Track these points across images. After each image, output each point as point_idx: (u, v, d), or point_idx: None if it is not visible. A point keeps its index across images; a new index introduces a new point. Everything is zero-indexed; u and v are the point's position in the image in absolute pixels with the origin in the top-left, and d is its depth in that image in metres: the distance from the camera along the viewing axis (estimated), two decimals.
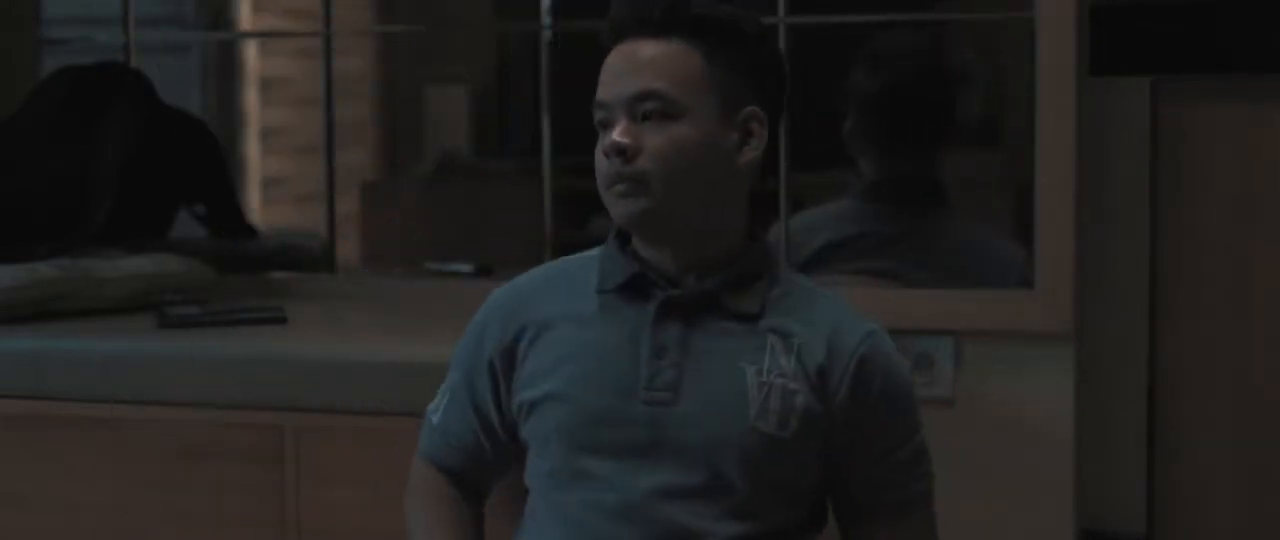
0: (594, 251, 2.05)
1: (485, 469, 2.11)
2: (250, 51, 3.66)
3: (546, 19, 3.23)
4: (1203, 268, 3.01)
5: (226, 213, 3.40)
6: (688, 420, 1.92)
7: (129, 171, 3.15)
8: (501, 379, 2.04)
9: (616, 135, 1.92)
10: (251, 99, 3.67)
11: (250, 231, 3.43)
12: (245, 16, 3.65)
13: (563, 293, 2.03)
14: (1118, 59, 2.99)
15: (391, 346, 2.67)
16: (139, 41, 3.47)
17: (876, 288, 3.06)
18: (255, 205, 3.60)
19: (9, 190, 3.15)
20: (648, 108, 1.92)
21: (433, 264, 3.42)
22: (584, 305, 2.00)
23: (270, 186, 3.65)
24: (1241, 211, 2.99)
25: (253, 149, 3.66)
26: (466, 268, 3.36)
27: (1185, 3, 2.97)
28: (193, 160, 3.35)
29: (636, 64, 1.93)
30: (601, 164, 1.94)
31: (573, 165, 3.28)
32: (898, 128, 3.13)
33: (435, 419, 2.13)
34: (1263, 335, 3.00)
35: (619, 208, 1.94)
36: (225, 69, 3.70)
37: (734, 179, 1.95)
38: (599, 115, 1.96)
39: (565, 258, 2.10)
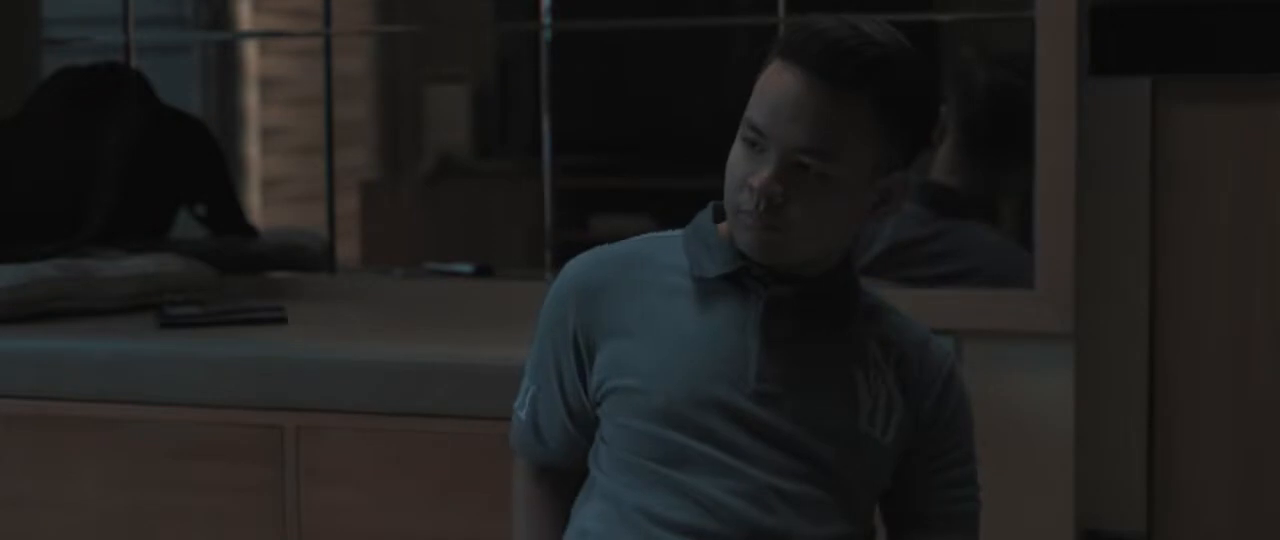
0: (670, 234, 2.00)
1: (579, 454, 2.04)
2: (250, 51, 3.65)
3: (546, 19, 3.23)
4: (1202, 268, 3.01)
5: (226, 213, 3.39)
6: (798, 416, 1.90)
7: (129, 172, 3.15)
8: (586, 357, 1.98)
9: (770, 180, 1.83)
10: (251, 99, 3.66)
11: (250, 231, 3.43)
12: (245, 16, 3.64)
13: (648, 274, 1.97)
14: (1118, 59, 2.99)
15: (391, 346, 2.67)
16: (139, 41, 3.46)
17: (875, 287, 3.05)
18: (255, 205, 3.60)
19: (9, 190, 3.15)
20: (807, 161, 1.82)
21: (433, 264, 3.41)
22: (678, 289, 1.95)
23: (270, 186, 3.65)
24: (1241, 211, 2.99)
25: (253, 149, 3.65)
26: (466, 268, 3.36)
27: (1185, 3, 2.97)
28: (193, 160, 3.35)
29: (809, 113, 1.81)
30: (738, 180, 1.86)
31: (573, 165, 3.28)
32: (979, 140, 3.12)
33: (523, 414, 2.06)
34: (1263, 335, 3.00)
35: (749, 237, 1.87)
36: (225, 69, 3.69)
37: (859, 224, 1.93)
38: (749, 135, 1.86)
39: (637, 238, 2.04)
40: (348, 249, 3.49)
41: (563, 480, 2.07)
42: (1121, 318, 3.03)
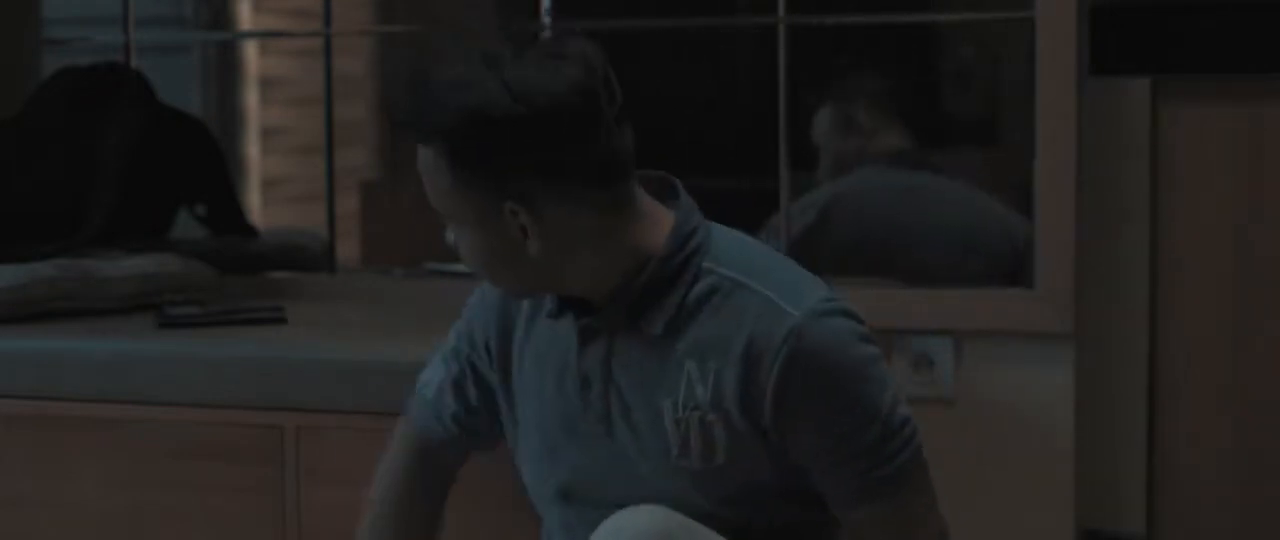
0: None
1: (460, 440, 2.14)
2: (250, 51, 3.65)
3: (546, 19, 3.23)
4: (1203, 268, 3.01)
5: (226, 213, 3.39)
6: (624, 455, 1.91)
7: (129, 172, 3.15)
8: (495, 365, 2.04)
9: (448, 236, 1.94)
10: (251, 99, 3.66)
11: (250, 231, 3.43)
12: (245, 16, 3.64)
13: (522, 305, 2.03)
14: (1118, 59, 2.99)
15: (391, 346, 2.66)
16: (139, 41, 3.46)
17: (876, 287, 3.06)
18: (255, 205, 3.60)
19: (9, 190, 3.15)
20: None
21: (433, 264, 3.41)
22: (539, 321, 2.00)
23: (270, 186, 3.65)
24: (1241, 212, 2.99)
25: (253, 149, 3.65)
26: (466, 268, 3.36)
27: (1185, 3, 2.97)
28: (193, 160, 3.35)
29: (425, 182, 1.90)
30: None
31: None
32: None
33: (421, 380, 2.16)
34: (1263, 335, 3.00)
35: None
36: (225, 69, 3.70)
37: (552, 253, 1.84)
38: None
39: None
40: (348, 249, 3.49)
41: (439, 460, 2.17)
42: (1121, 318, 3.03)
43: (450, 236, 1.92)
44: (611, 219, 1.85)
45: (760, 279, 1.87)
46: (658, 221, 1.89)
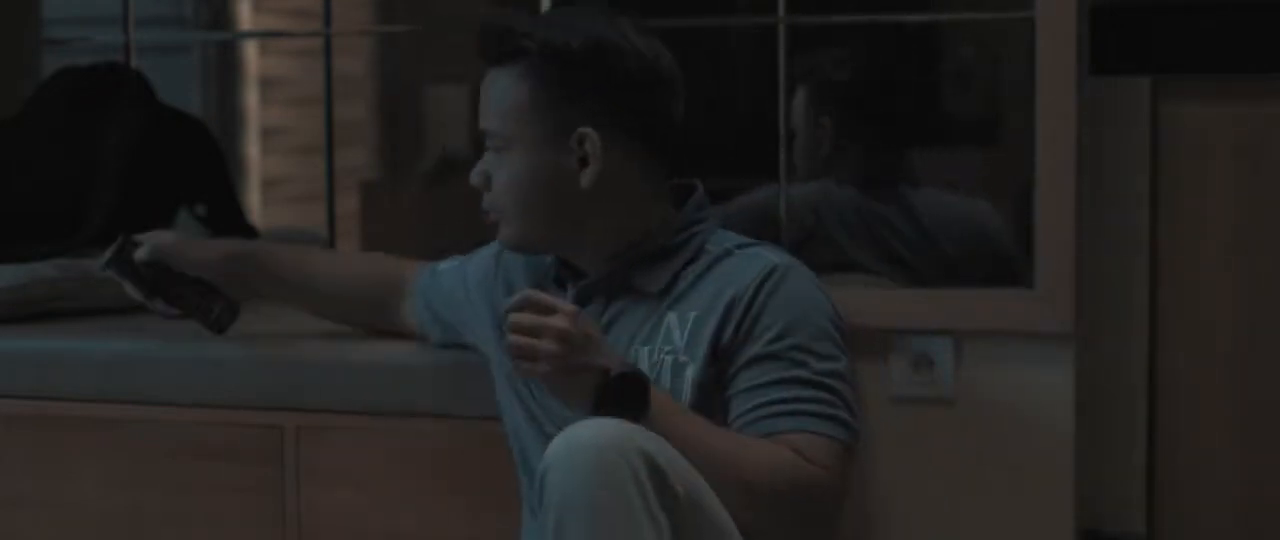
0: None
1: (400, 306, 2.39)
2: (250, 51, 3.65)
3: None
4: (1203, 268, 3.00)
5: (226, 213, 3.39)
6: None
7: (129, 172, 3.15)
8: (466, 321, 2.23)
9: (475, 170, 2.06)
10: (251, 99, 3.67)
11: (250, 231, 3.43)
12: (245, 16, 3.65)
13: (529, 272, 2.15)
14: (1118, 59, 2.99)
15: (391, 346, 2.66)
16: (139, 41, 3.46)
17: (876, 287, 3.05)
18: (255, 205, 3.60)
19: (9, 191, 3.15)
20: (490, 142, 2.03)
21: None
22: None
23: (270, 186, 3.65)
24: (1241, 211, 2.99)
25: (253, 149, 3.66)
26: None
27: (1185, 3, 2.97)
28: (193, 160, 3.35)
29: (485, 99, 2.03)
30: None
31: None
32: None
33: (441, 266, 2.36)
34: (1263, 336, 3.00)
35: (495, 232, 2.09)
36: (225, 69, 3.70)
37: (590, 196, 2.00)
38: None
39: None
40: (348, 249, 3.49)
41: (394, 282, 2.43)
42: (1121, 318, 3.03)
43: (478, 174, 2.04)
44: (647, 188, 2.03)
45: (748, 246, 2.06)
46: (671, 215, 2.07)
